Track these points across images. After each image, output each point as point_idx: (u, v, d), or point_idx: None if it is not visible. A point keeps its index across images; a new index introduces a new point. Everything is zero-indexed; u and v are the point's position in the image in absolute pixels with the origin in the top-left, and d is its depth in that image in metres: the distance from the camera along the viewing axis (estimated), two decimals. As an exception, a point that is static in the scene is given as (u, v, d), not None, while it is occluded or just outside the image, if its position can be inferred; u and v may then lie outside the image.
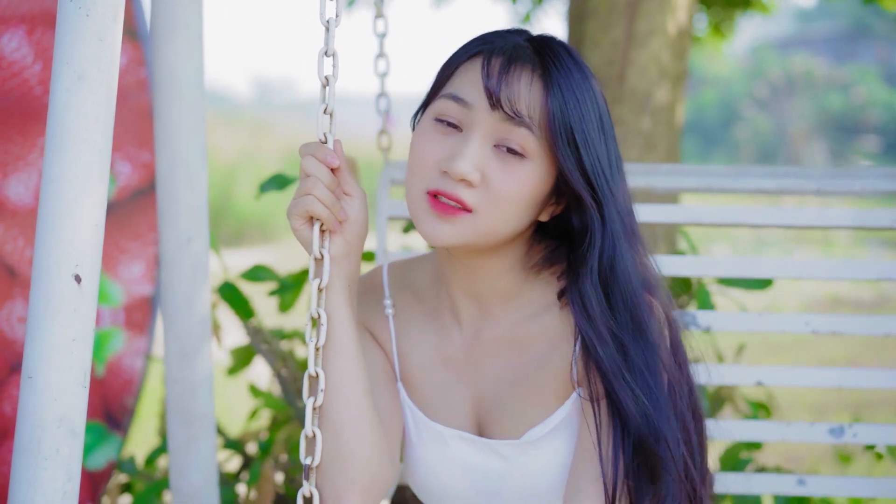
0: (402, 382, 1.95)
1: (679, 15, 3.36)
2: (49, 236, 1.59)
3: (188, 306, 2.19)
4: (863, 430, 2.33)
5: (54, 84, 1.61)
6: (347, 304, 1.72)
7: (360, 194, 1.73)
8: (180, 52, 2.11)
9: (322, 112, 1.65)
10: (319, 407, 1.69)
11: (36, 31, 3.15)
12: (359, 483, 1.73)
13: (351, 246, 1.71)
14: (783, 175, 2.40)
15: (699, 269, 2.39)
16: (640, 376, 1.71)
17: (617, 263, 1.74)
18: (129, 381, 3.42)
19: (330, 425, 1.71)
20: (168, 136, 2.13)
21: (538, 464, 1.84)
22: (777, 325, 2.35)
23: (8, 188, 3.14)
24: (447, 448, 1.90)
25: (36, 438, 1.58)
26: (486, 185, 1.68)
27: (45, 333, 1.58)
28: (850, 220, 2.35)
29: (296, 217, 1.67)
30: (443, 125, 1.72)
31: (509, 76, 1.67)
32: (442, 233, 1.70)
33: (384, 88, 2.52)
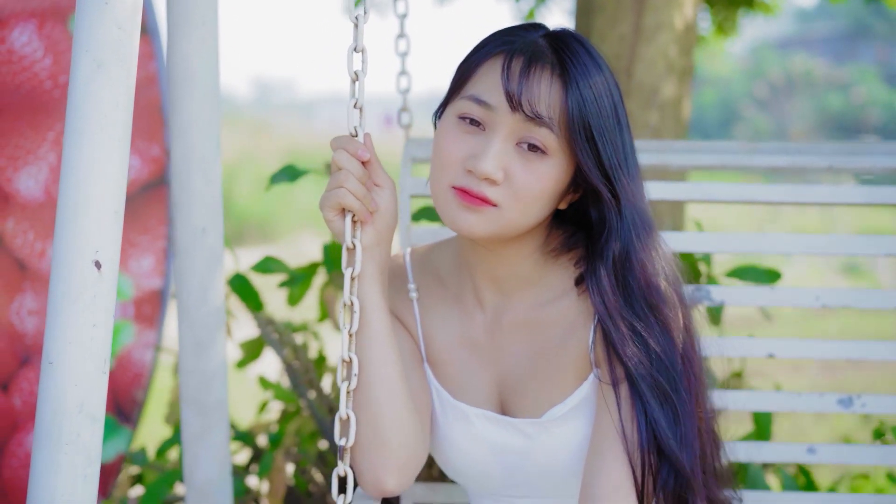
0: (427, 363, 2.00)
1: (686, 10, 3.38)
2: (69, 223, 1.60)
3: (202, 297, 2.20)
4: (871, 401, 2.34)
5: (74, 72, 1.62)
6: (380, 292, 1.78)
7: (390, 185, 1.78)
8: (196, 45, 2.12)
9: (352, 107, 1.69)
10: (353, 390, 1.75)
11: (46, 26, 3.16)
12: (395, 462, 1.80)
13: (381, 235, 1.77)
14: (795, 152, 2.41)
15: (708, 245, 2.41)
16: (657, 361, 1.76)
17: (632, 254, 1.79)
18: (139, 374, 3.44)
19: (368, 409, 1.78)
20: (183, 129, 2.14)
21: (559, 441, 1.89)
22: (788, 300, 2.36)
23: (18, 182, 3.15)
24: (472, 426, 1.95)
25: (57, 424, 1.59)
26: (509, 182, 1.73)
27: (66, 319, 1.59)
28: (859, 197, 2.36)
29: (328, 209, 1.73)
30: (466, 123, 1.76)
31: (529, 79, 1.71)
32: (469, 222, 1.75)
33: (405, 67, 2.54)
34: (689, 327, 1.87)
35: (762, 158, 2.40)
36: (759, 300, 2.39)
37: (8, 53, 3.12)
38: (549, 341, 1.90)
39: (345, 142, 1.73)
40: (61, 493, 1.59)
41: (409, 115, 2.56)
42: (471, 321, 1.97)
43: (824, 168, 2.39)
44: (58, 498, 1.59)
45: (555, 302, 1.90)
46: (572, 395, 1.88)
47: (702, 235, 2.42)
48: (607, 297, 1.79)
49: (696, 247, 2.42)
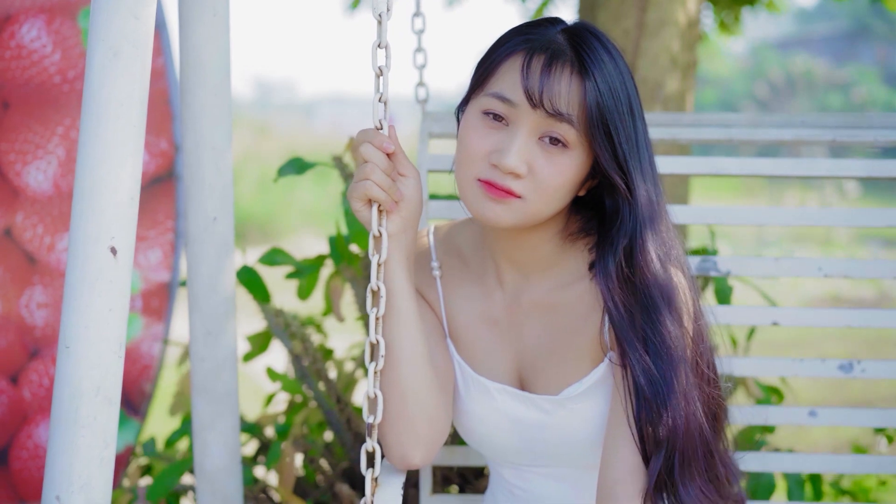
0: (450, 339, 2.07)
1: (689, 6, 3.40)
2: (85, 209, 1.62)
3: (213, 285, 2.22)
4: (871, 367, 2.38)
5: (90, 60, 1.64)
6: (407, 277, 1.86)
7: (415, 174, 1.85)
8: (207, 36, 2.14)
9: (377, 101, 1.73)
10: (381, 371, 1.80)
11: (55, 21, 3.18)
12: (421, 437, 1.90)
13: (407, 222, 1.84)
14: (800, 125, 2.45)
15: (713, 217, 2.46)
16: (654, 351, 1.82)
17: (641, 247, 1.84)
18: (147, 366, 3.46)
19: (396, 390, 1.86)
20: (194, 119, 2.16)
21: (576, 418, 1.97)
22: (792, 270, 2.41)
23: (27, 176, 3.18)
24: (493, 400, 2.02)
25: (74, 407, 1.62)
26: (532, 176, 1.79)
27: (82, 304, 1.62)
28: (861, 171, 2.40)
29: (356, 199, 1.79)
30: (489, 119, 1.82)
31: (550, 77, 1.77)
32: (495, 213, 1.81)
33: (421, 44, 2.55)
34: (698, 315, 1.92)
35: (767, 132, 2.43)
36: (764, 271, 2.43)
37: (17, 49, 3.14)
38: (566, 323, 1.97)
39: (370, 135, 1.80)
40: (78, 475, 1.62)
41: (425, 90, 2.58)
42: (491, 300, 2.03)
43: (828, 141, 2.43)
44: (75, 480, 1.62)
45: (572, 285, 1.96)
46: (588, 375, 1.95)
47: (706, 209, 2.46)
48: (612, 286, 1.84)
49: (700, 218, 2.46)
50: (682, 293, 1.88)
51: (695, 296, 1.93)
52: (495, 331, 2.04)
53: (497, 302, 2.03)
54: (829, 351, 7.22)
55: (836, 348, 7.27)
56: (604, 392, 1.94)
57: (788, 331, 7.62)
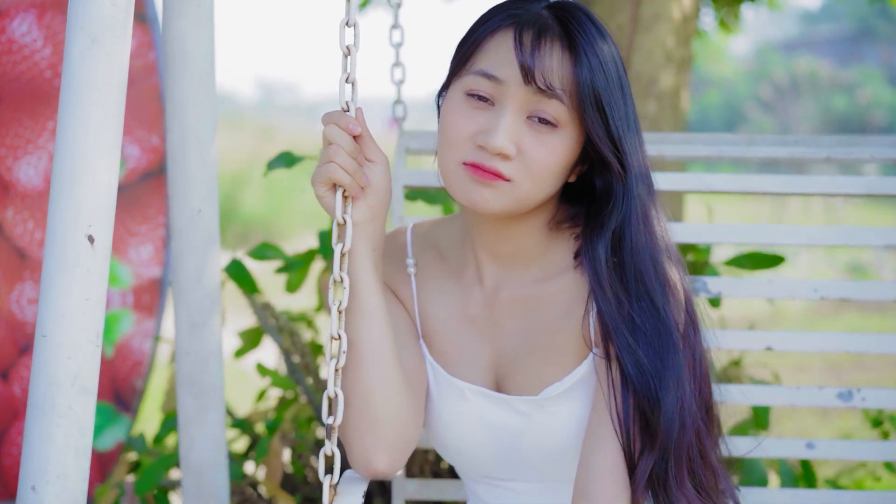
0: (423, 339, 1.99)
1: (684, 1, 3.38)
2: (63, 197, 1.61)
3: (198, 277, 2.21)
4: (871, 395, 2.33)
5: (68, 48, 1.63)
6: (373, 269, 1.78)
7: (383, 160, 1.77)
8: (191, 25, 2.13)
9: (344, 81, 1.68)
10: (343, 368, 1.73)
11: (46, 16, 3.17)
12: (387, 442, 1.80)
13: (374, 210, 1.76)
14: (793, 143, 2.41)
15: (711, 236, 2.40)
16: (643, 339, 1.75)
17: (632, 227, 1.78)
18: (138, 362, 3.45)
19: (359, 388, 1.77)
20: (179, 109, 2.15)
21: (555, 421, 1.88)
22: (786, 292, 2.36)
23: (18, 171, 3.17)
24: (467, 403, 1.93)
25: (50, 396, 1.61)
26: (521, 157, 1.73)
27: (59, 293, 1.61)
28: (860, 188, 2.35)
29: (319, 184, 1.72)
30: (474, 100, 1.75)
31: (541, 50, 1.71)
32: (483, 197, 1.74)
33: (399, 58, 2.53)
34: (690, 309, 1.86)
35: (759, 150, 2.39)
36: (757, 292, 2.38)
37: (8, 43, 3.14)
38: (548, 318, 1.88)
39: (335, 117, 1.72)
40: (54, 465, 1.60)
41: (403, 108, 2.54)
42: (469, 296, 1.95)
43: (823, 159, 2.39)
44: (50, 470, 1.60)
45: (555, 278, 1.89)
46: (570, 374, 1.87)
47: (704, 226, 2.41)
48: (600, 269, 1.78)
49: (698, 238, 2.41)
50: (674, 281, 1.82)
51: (687, 288, 1.87)
52: (472, 329, 1.95)
53: (475, 298, 1.94)
54: (831, 358, 7.16)
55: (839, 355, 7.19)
56: (585, 393, 1.86)
57: (792, 328, 7.62)
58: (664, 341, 1.76)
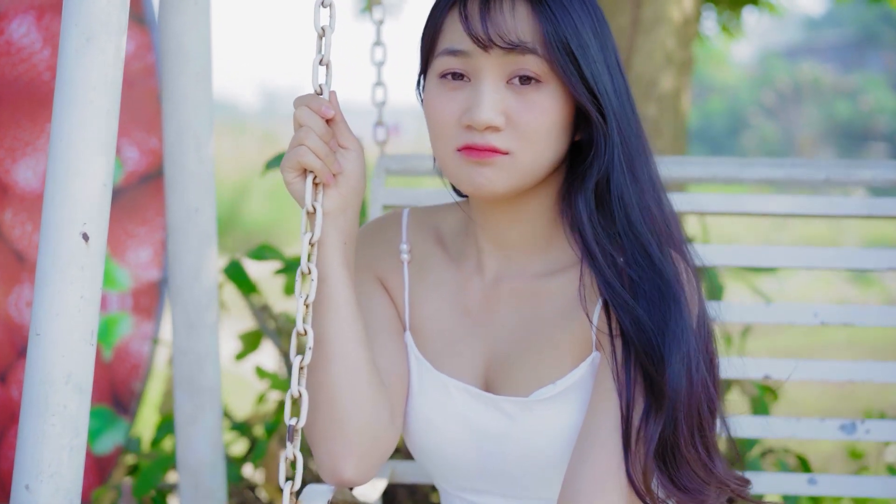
0: (410, 331, 1.87)
1: (684, 4, 3.38)
2: (57, 195, 1.60)
3: (195, 277, 2.20)
4: (876, 427, 2.27)
5: (63, 46, 1.62)
6: (343, 262, 1.67)
7: (357, 147, 1.68)
8: (188, 23, 2.12)
9: (318, 63, 1.60)
10: (309, 367, 1.62)
11: (45, 17, 3.17)
12: (356, 448, 1.70)
13: (346, 200, 1.66)
14: (790, 165, 2.38)
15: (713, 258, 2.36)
16: (642, 295, 1.65)
17: (616, 177, 1.67)
18: (137, 365, 3.44)
19: (325, 388, 1.67)
20: (176, 107, 2.14)
21: (543, 426, 1.74)
22: (785, 317, 2.31)
23: (16, 173, 3.16)
24: (450, 400, 1.81)
25: (44, 395, 1.60)
26: (512, 125, 1.63)
27: (54, 291, 1.60)
28: (859, 209, 2.31)
29: (288, 170, 1.62)
30: (449, 80, 1.67)
31: (491, 12, 1.62)
32: (486, 177, 1.65)
33: (381, 78, 2.51)
34: (689, 263, 1.76)
35: (756, 171, 2.36)
36: (756, 318, 2.34)
37: (6, 45, 3.13)
38: (549, 315, 1.77)
39: (308, 99, 1.63)
40: (48, 463, 1.59)
41: (384, 130, 2.52)
42: (467, 287, 1.84)
43: (821, 181, 2.36)
44: (44, 469, 1.59)
45: (560, 273, 1.77)
46: (565, 376, 1.74)
47: (706, 248, 2.36)
48: (582, 223, 1.68)
49: (711, 260, 2.36)
50: (668, 230, 1.73)
51: (685, 249, 1.77)
52: (465, 322, 1.83)
53: (473, 290, 1.83)
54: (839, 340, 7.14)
55: (843, 354, 7.18)
56: (579, 399, 1.73)
57: (794, 339, 7.60)
58: (664, 294, 1.64)
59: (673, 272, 1.66)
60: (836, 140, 20.59)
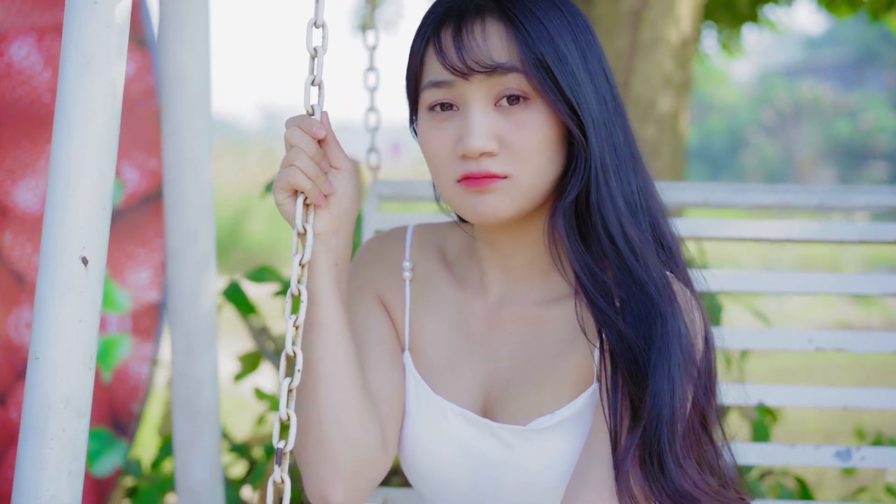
0: (409, 351, 1.84)
1: (682, 25, 3.39)
2: (57, 219, 1.60)
3: (194, 300, 2.20)
4: (871, 454, 2.27)
5: (62, 70, 1.63)
6: (334, 284, 1.65)
7: (350, 168, 1.65)
8: (187, 49, 2.13)
9: (310, 84, 1.59)
10: (297, 390, 1.60)
11: (45, 39, 3.18)
12: (345, 472, 1.68)
13: (338, 221, 1.64)
14: (784, 191, 2.38)
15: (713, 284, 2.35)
16: (629, 310, 1.62)
17: (597, 191, 1.63)
18: (136, 387, 3.44)
19: (313, 411, 1.65)
20: (175, 132, 2.15)
21: (541, 456, 1.71)
22: (780, 343, 2.31)
23: (16, 195, 3.17)
24: (447, 424, 1.77)
25: (42, 418, 1.60)
26: (506, 148, 1.61)
27: (52, 315, 1.60)
28: (855, 235, 2.31)
29: (279, 190, 1.61)
30: (438, 112, 1.66)
31: (464, 39, 1.60)
32: (489, 205, 1.62)
33: (374, 103, 2.52)
34: (685, 284, 1.73)
35: (751, 196, 2.36)
36: (750, 344, 2.34)
37: (7, 67, 3.14)
38: (550, 343, 1.73)
39: (299, 119, 1.62)
40: (46, 487, 1.59)
41: (377, 156, 2.52)
42: (470, 308, 1.80)
43: (815, 207, 2.36)
44: (43, 493, 1.59)
45: (563, 301, 1.74)
46: (565, 406, 1.70)
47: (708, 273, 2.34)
48: (564, 242, 1.64)
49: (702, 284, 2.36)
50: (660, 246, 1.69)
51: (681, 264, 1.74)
52: (467, 345, 1.79)
53: (476, 312, 1.79)
54: (836, 380, 7.12)
55: (844, 378, 7.17)
56: (577, 431, 1.69)
57: (793, 358, 7.59)
58: (649, 310, 1.61)
59: (660, 288, 1.63)
60: (836, 159, 20.62)
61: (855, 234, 2.32)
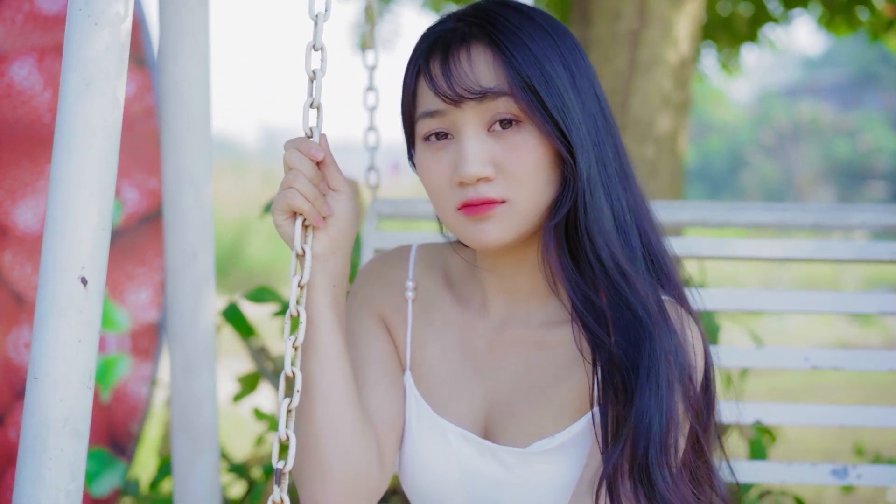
0: (410, 371, 1.85)
1: (681, 45, 3.40)
2: (56, 239, 1.61)
3: (193, 320, 2.20)
4: (867, 472, 2.27)
5: (62, 90, 1.64)
6: (332, 306, 1.67)
7: (348, 190, 1.67)
8: (187, 68, 2.14)
9: (308, 106, 1.61)
10: (295, 409, 1.58)
11: (46, 60, 3.19)
12: (340, 491, 1.69)
13: (337, 243, 1.66)
14: (781, 210, 2.39)
15: (714, 302, 2.35)
16: (619, 331, 1.63)
17: (585, 212, 1.64)
18: (135, 407, 3.43)
19: (309, 432, 1.67)
20: (174, 151, 2.16)
21: (540, 479, 1.72)
22: (776, 361, 2.31)
23: (16, 215, 3.17)
24: (447, 445, 1.79)
25: (41, 438, 1.60)
26: (502, 172, 1.62)
27: (52, 335, 1.60)
28: (850, 253, 2.32)
29: (278, 212, 1.62)
30: (433, 141, 1.68)
31: (452, 68, 1.63)
32: (490, 233, 1.64)
33: (373, 122, 2.52)
34: (680, 303, 1.74)
35: (747, 214, 2.36)
36: (746, 362, 2.34)
37: (7, 88, 3.15)
38: (551, 366, 1.75)
39: (297, 142, 1.63)
40: (44, 507, 1.59)
41: (376, 175, 2.53)
42: (472, 330, 1.82)
43: (811, 226, 2.37)
44: (41, 513, 1.59)
45: (565, 323, 1.74)
46: (564, 430, 1.72)
47: (707, 292, 2.35)
48: (554, 262, 1.66)
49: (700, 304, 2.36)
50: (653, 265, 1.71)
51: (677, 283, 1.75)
52: (469, 365, 1.80)
53: (478, 334, 1.81)
54: (835, 400, 7.10)
55: (843, 397, 7.15)
56: (576, 454, 1.70)
57: (793, 378, 7.58)
58: (636, 330, 1.62)
59: (648, 308, 1.64)
60: (835, 179, 20.63)
61: (852, 253, 2.32)
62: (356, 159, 3.32)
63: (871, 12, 4.43)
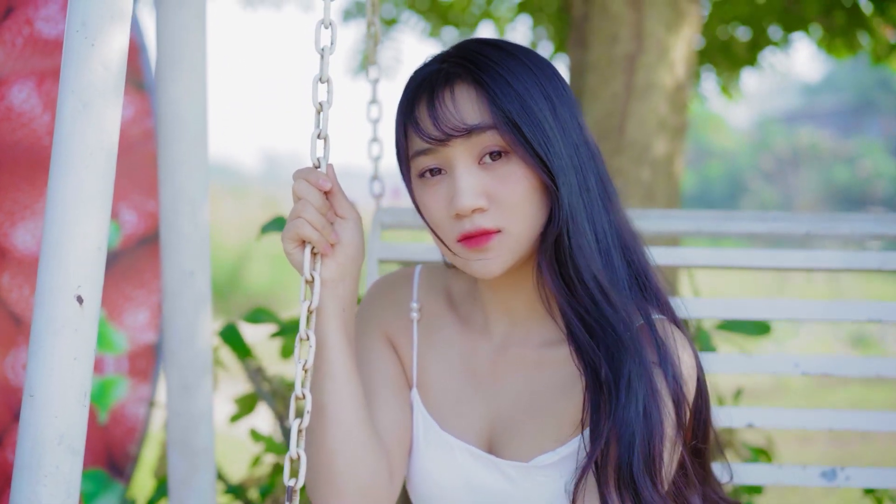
0: (417, 389, 1.94)
1: (677, 70, 3.42)
2: (52, 258, 1.62)
3: (190, 339, 2.22)
4: (856, 474, 2.29)
5: (59, 111, 1.65)
6: (341, 330, 1.73)
7: (355, 217, 1.74)
8: (183, 90, 2.16)
9: (315, 137, 1.65)
10: (307, 430, 1.68)
11: (45, 83, 3.21)
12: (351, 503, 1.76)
13: (344, 269, 1.72)
14: (773, 219, 2.41)
15: (697, 311, 2.38)
16: (604, 352, 1.70)
17: (568, 236, 1.71)
18: (133, 428, 3.44)
19: (321, 451, 1.74)
20: (171, 172, 2.17)
21: (541, 492, 1.79)
22: (766, 367, 2.33)
23: (15, 237, 3.18)
24: (454, 460, 1.87)
25: (37, 456, 1.60)
26: (495, 202, 1.70)
27: (47, 353, 1.61)
28: (838, 263, 2.34)
29: (288, 240, 1.68)
30: (428, 177, 1.75)
31: (437, 109, 1.71)
32: (488, 266, 1.72)
33: (376, 134, 2.53)
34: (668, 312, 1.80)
35: (739, 224, 2.38)
36: (736, 368, 2.35)
37: (6, 110, 3.16)
38: (552, 383, 1.82)
39: (306, 172, 1.69)
40: (40, 526, 1.60)
41: (380, 185, 2.55)
42: (475, 349, 1.90)
43: (801, 235, 2.39)
44: (36, 531, 1.59)
45: (563, 343, 1.81)
46: (565, 444, 1.78)
47: (703, 301, 2.39)
48: (549, 284, 1.73)
49: (695, 313, 2.39)
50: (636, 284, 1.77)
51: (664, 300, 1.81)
52: (472, 384, 1.88)
53: (481, 353, 1.89)
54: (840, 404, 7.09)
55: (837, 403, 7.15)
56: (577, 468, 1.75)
57: (794, 400, 7.57)
58: (618, 350, 1.69)
59: (629, 326, 1.71)
60: (834, 204, 20.66)
61: (842, 263, 2.35)
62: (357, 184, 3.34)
63: (870, 35, 4.44)
